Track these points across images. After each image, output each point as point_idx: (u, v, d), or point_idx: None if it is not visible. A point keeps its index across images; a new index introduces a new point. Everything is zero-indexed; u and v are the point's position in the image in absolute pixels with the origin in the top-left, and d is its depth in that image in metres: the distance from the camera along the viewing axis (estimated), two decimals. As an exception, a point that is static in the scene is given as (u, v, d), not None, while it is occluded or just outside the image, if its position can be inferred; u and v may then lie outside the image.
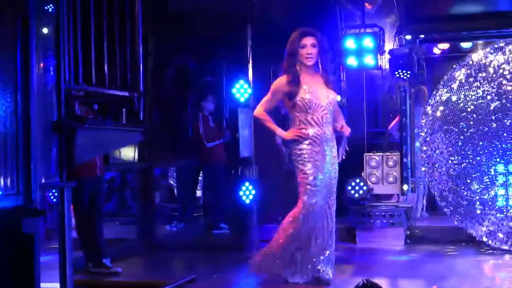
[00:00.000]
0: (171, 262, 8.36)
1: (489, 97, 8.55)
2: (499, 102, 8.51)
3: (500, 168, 8.48)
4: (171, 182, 11.79)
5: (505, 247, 8.25)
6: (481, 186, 8.51)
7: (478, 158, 8.55)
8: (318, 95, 6.00)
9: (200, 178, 10.26)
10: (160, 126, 9.22)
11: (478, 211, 8.47)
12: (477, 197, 8.50)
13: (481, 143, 8.55)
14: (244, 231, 8.71)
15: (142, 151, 8.87)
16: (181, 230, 9.88)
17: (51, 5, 4.48)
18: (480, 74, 8.61)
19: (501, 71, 8.56)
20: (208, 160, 9.64)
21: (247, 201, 8.65)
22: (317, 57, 6.04)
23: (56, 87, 4.43)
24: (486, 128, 8.53)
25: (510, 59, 8.56)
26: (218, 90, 9.77)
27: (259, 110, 6.22)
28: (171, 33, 8.96)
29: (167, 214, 10.70)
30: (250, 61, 8.92)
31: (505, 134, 8.48)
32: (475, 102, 8.60)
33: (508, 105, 8.49)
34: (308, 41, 6.00)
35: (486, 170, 8.52)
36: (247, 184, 8.67)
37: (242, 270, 7.51)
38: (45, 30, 4.51)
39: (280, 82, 6.09)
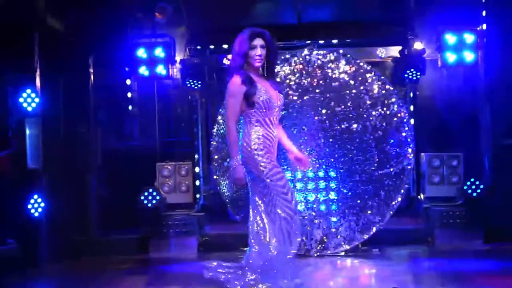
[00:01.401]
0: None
1: (276, 106, 8.81)
2: (286, 111, 8.79)
3: (288, 175, 8.74)
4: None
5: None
6: (270, 192, 8.74)
7: (266, 165, 8.77)
8: (271, 95, 5.83)
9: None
10: None
11: (268, 217, 8.69)
12: (267, 204, 8.73)
13: (268, 151, 8.78)
14: (34, 245, 8.40)
15: None
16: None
17: None
18: (268, 85, 8.86)
19: (287, 81, 8.87)
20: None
21: (36, 214, 8.36)
22: (265, 58, 5.85)
23: None
24: (274, 137, 8.79)
25: (295, 70, 8.90)
26: (4, 99, 9.36)
27: (233, 126, 5.73)
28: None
29: None
30: (38, 70, 8.66)
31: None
32: (264, 112, 8.82)
33: (294, 114, 8.82)
34: (258, 42, 5.79)
35: (275, 177, 8.77)
36: (35, 196, 8.37)
37: (30, 285, 7.24)
38: None
39: (236, 83, 5.73)
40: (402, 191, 8.74)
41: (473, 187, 9.38)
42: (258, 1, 10.48)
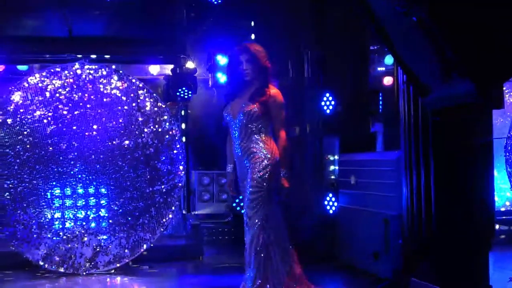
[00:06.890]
0: None
1: (45, 120, 8.55)
2: (55, 126, 8.56)
3: (57, 191, 8.52)
4: None
5: (61, 269, 8.31)
6: (37, 209, 8.45)
7: (35, 182, 8.47)
8: (233, 110, 6.22)
9: None
10: None
11: (35, 235, 8.39)
12: (34, 221, 8.42)
13: (37, 166, 8.49)
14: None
15: None
16: None
17: None
18: (36, 98, 8.57)
19: (57, 95, 8.63)
20: None
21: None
22: (254, 71, 6.11)
23: None
24: (43, 152, 8.51)
25: (66, 84, 8.67)
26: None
27: None
28: None
29: None
30: None
31: (61, 158, 8.54)
32: (32, 126, 8.53)
33: (64, 129, 8.58)
34: (243, 57, 6.08)
35: (43, 193, 8.49)
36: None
37: None
38: None
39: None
40: (173, 208, 8.80)
41: (242, 204, 9.64)
42: (25, 12, 10.09)
